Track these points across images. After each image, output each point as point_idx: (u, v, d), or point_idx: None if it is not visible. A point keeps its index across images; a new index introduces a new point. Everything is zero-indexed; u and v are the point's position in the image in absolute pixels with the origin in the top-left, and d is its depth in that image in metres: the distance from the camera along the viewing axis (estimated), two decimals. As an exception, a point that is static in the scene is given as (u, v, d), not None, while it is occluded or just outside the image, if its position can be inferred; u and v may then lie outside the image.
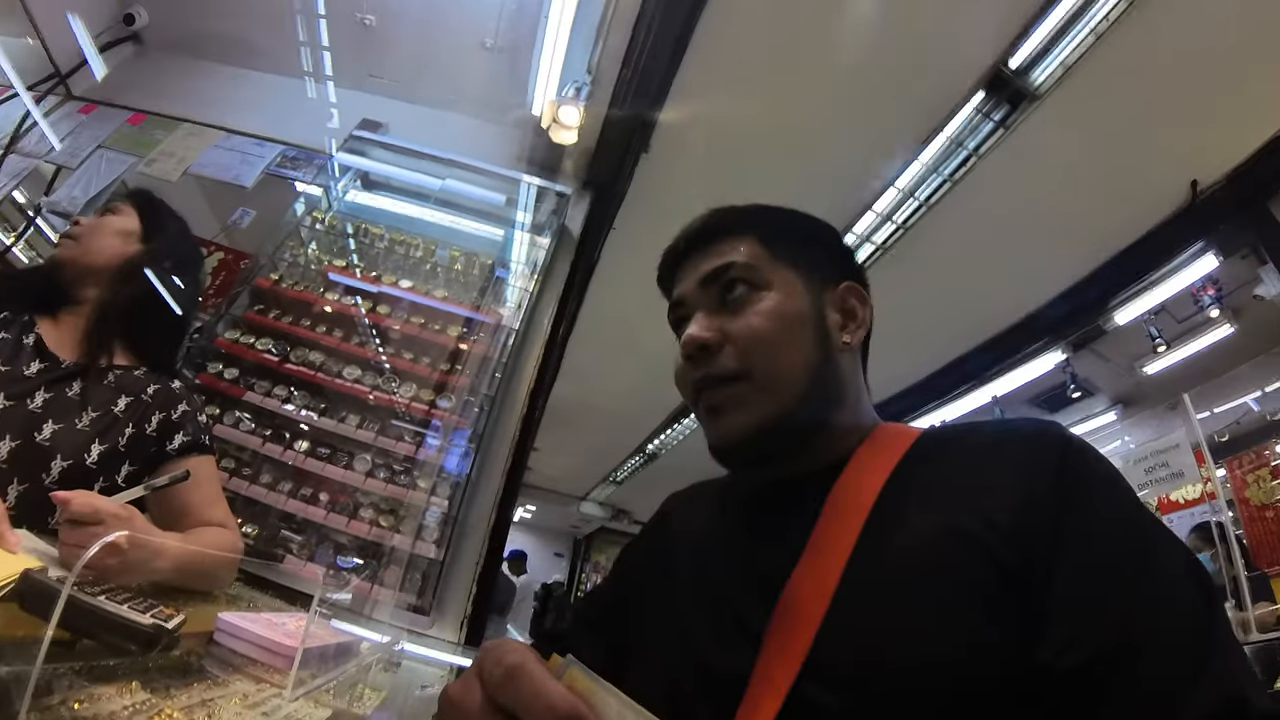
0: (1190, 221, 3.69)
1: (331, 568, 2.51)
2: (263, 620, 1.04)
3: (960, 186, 3.63)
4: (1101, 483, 0.61)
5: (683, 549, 0.82)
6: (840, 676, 0.57)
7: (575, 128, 3.13)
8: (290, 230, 3.26)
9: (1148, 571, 0.55)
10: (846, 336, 0.79)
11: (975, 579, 0.58)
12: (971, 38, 3.03)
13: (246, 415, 2.68)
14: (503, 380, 2.87)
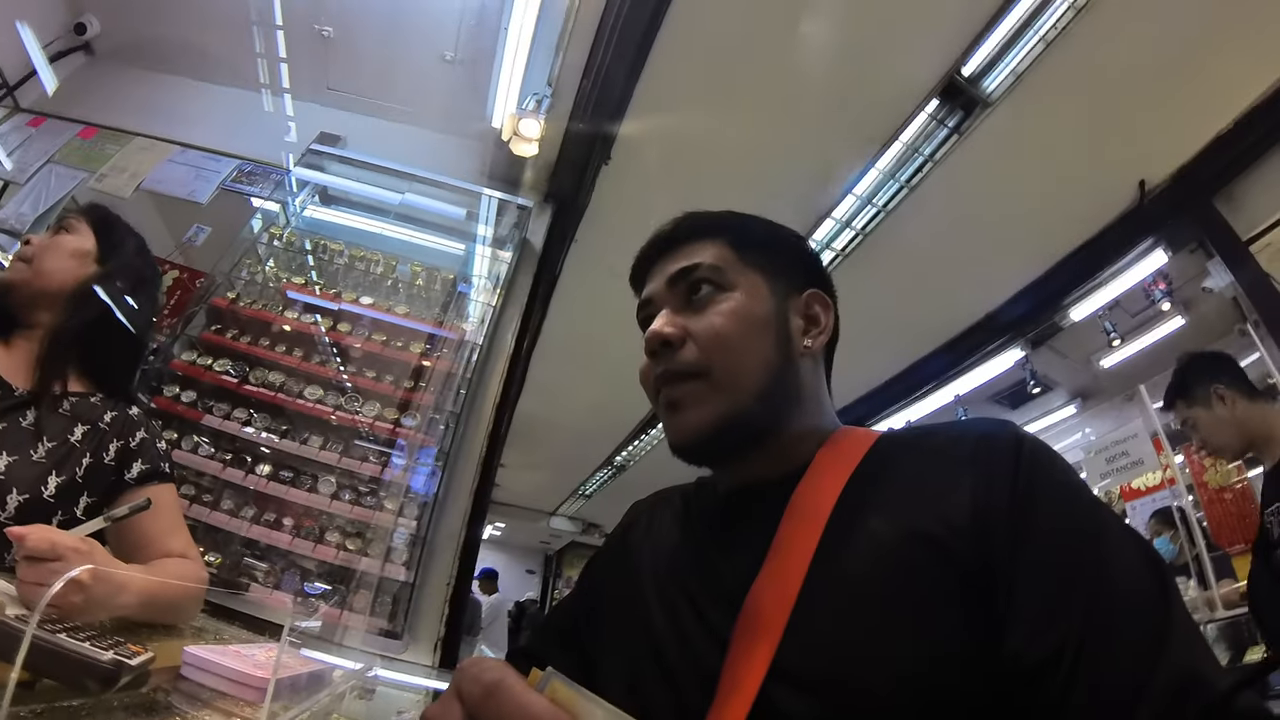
0: (1139, 220, 3.79)
1: (299, 594, 2.45)
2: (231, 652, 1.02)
3: (917, 192, 3.68)
4: (1056, 480, 0.62)
5: (648, 557, 0.82)
6: (806, 681, 0.58)
7: (536, 140, 3.13)
8: (247, 247, 3.18)
9: (1105, 563, 0.56)
10: (808, 341, 0.81)
11: (935, 581, 0.59)
12: (925, 46, 3.08)
13: (205, 439, 2.61)
14: (467, 396, 2.84)
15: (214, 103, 3.82)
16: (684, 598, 0.72)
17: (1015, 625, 0.55)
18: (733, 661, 0.62)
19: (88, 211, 1.47)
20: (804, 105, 3.31)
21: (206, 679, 0.92)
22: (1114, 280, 4.09)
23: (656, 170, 3.57)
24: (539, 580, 14.19)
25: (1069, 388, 5.88)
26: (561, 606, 0.95)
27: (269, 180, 3.43)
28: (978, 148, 3.43)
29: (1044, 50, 3.03)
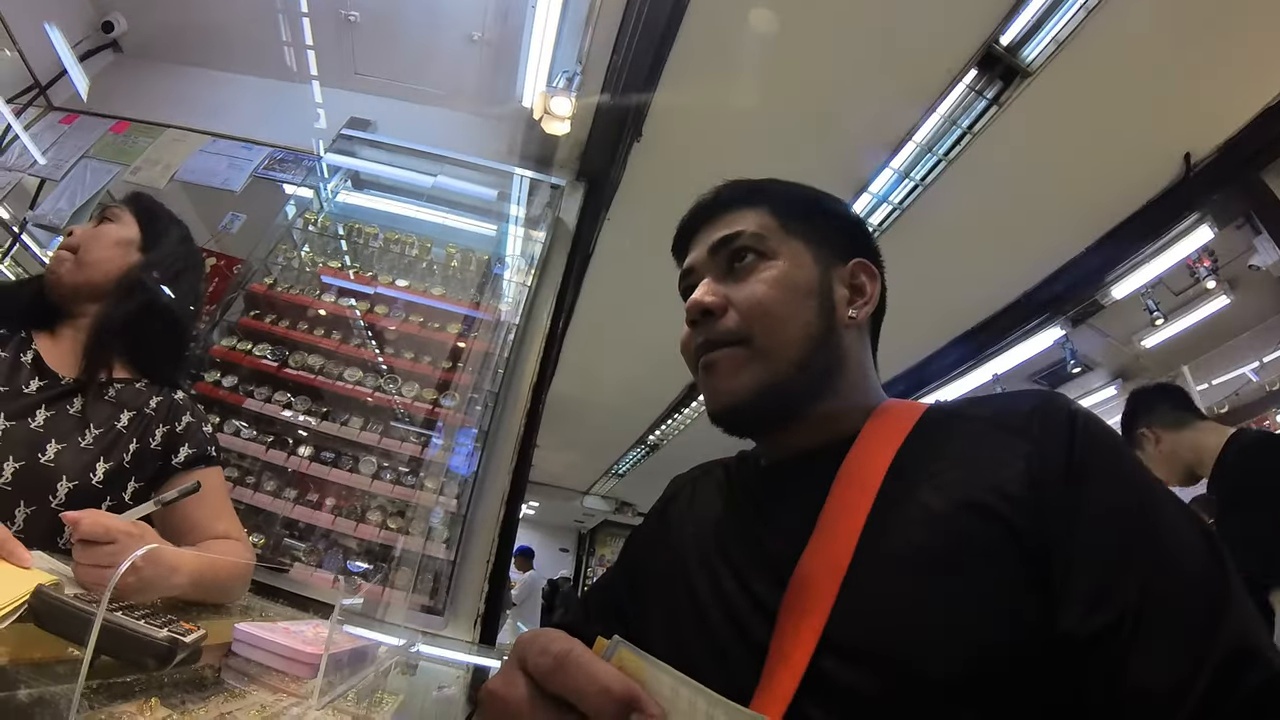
0: (1184, 194, 3.69)
1: (342, 573, 2.47)
2: (280, 629, 1.04)
3: (955, 166, 3.61)
4: (1110, 451, 0.61)
5: (690, 530, 0.82)
6: (858, 652, 0.57)
7: (567, 118, 3.11)
8: (282, 233, 3.21)
9: (1161, 534, 0.56)
10: (853, 312, 0.79)
11: (989, 552, 0.58)
12: (963, 15, 3.02)
13: (246, 423, 2.64)
14: (505, 376, 2.85)
15: (243, 92, 3.85)
16: (728, 569, 0.72)
17: (1071, 597, 0.54)
18: (781, 633, 0.61)
19: (131, 201, 1.47)
20: (837, 77, 3.26)
21: (257, 655, 0.94)
22: (1157, 257, 4.00)
23: (688, 146, 3.54)
24: (572, 558, 14.33)
25: (1109, 368, 5.78)
26: (603, 581, 0.94)
27: (301, 167, 3.45)
28: (1017, 119, 3.35)
29: (1085, 18, 2.96)
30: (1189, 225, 3.81)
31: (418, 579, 2.47)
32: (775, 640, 0.61)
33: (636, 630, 0.80)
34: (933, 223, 3.95)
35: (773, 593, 0.65)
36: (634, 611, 0.83)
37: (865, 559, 0.61)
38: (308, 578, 2.38)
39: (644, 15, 2.91)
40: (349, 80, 3.80)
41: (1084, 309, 4.59)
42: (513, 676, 0.43)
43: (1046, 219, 3.99)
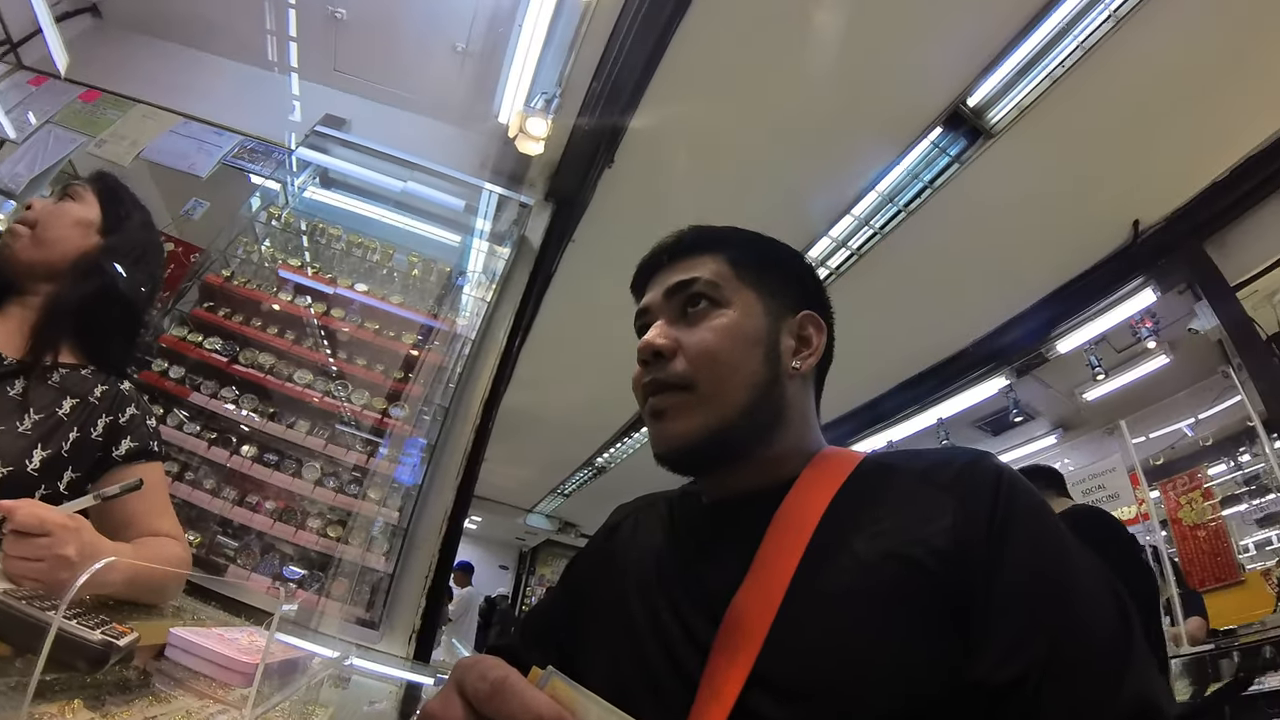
0: (1131, 258, 3.87)
1: (277, 579, 2.43)
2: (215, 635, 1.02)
3: (914, 217, 3.73)
4: (1031, 513, 0.64)
5: (633, 561, 0.83)
6: (784, 690, 0.59)
7: (542, 139, 3.13)
8: (244, 225, 3.15)
9: (1072, 595, 0.60)
10: (797, 363, 0.81)
11: (913, 601, 0.61)
12: (935, 74, 3.12)
13: (191, 417, 2.59)
14: (456, 390, 2.84)
15: (220, 76, 3.79)
16: (667, 603, 0.73)
17: (985, 649, 0.57)
18: (713, 668, 0.63)
19: (95, 180, 1.42)
20: (809, 126, 3.35)
21: (190, 661, 0.93)
22: (1102, 316, 4.17)
23: (659, 177, 3.59)
24: (511, 576, 14.01)
25: (1051, 417, 5.97)
26: (541, 606, 0.96)
27: (270, 159, 3.41)
28: (977, 177, 3.47)
29: (1050, 86, 3.09)
30: (1134, 288, 3.99)
31: (355, 590, 2.44)
32: (707, 674, 0.63)
33: (573, 657, 0.81)
34: (889, 270, 4.06)
35: (708, 628, 0.66)
36: (572, 639, 0.84)
37: (796, 601, 0.64)
38: (243, 581, 2.34)
39: (628, 45, 2.95)
40: (328, 77, 3.77)
41: (1029, 360, 4.77)
42: (451, 700, 0.45)
43: (999, 273, 4.13)
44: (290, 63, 3.76)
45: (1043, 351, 4.59)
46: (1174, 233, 3.72)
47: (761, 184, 3.65)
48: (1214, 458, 5.59)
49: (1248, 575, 4.78)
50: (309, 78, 3.77)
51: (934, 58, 3.05)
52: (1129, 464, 4.70)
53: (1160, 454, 5.62)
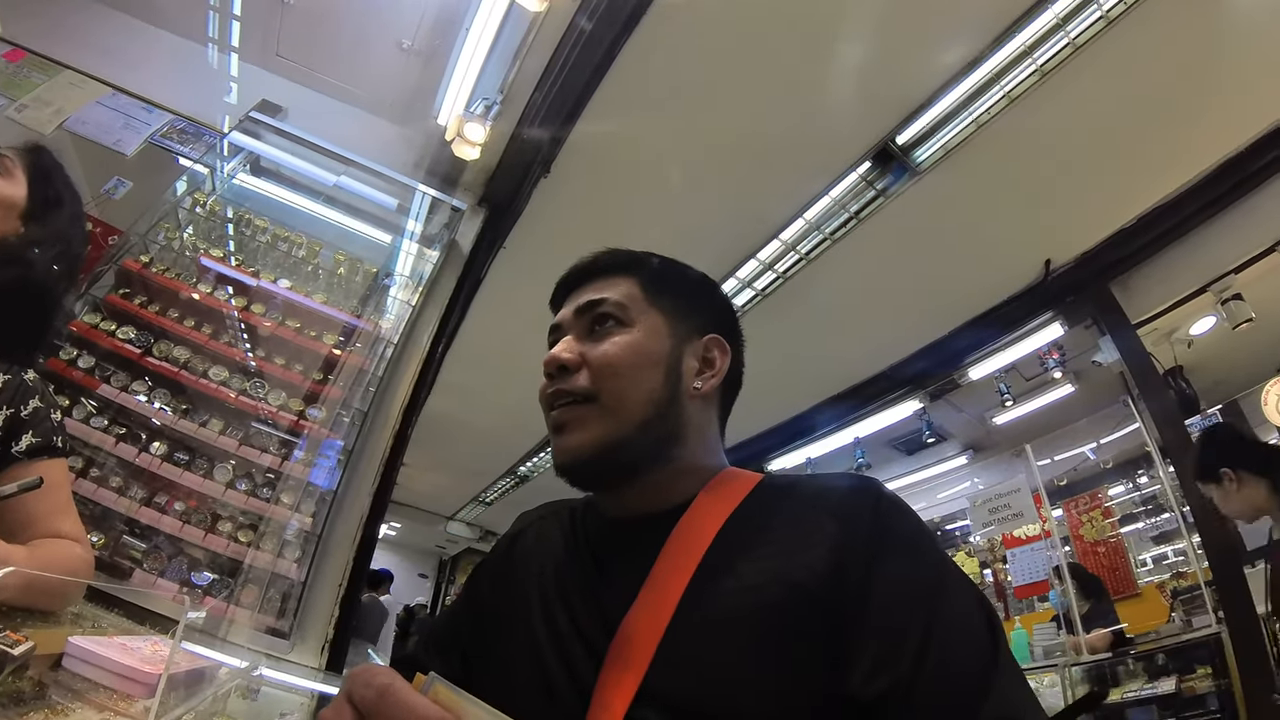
0: (1042, 294, 4.09)
1: (185, 584, 2.34)
2: (116, 644, 1.00)
3: (839, 245, 3.86)
4: (907, 535, 0.69)
5: (534, 570, 0.85)
6: (672, 705, 0.62)
7: (479, 145, 3.13)
8: (168, 210, 3.00)
9: (940, 612, 0.63)
10: (698, 383, 0.85)
11: (795, 621, 0.64)
12: (869, 111, 3.24)
13: (99, 409, 2.47)
14: (376, 394, 2.79)
15: (156, 48, 3.58)
16: (566, 615, 0.76)
17: (857, 664, 0.61)
18: (604, 682, 0.66)
19: (28, 153, 1.31)
20: (744, 152, 3.43)
21: (89, 671, 0.90)
22: (1012, 346, 4.39)
23: (593, 190, 3.63)
24: (431, 585, 13.71)
25: (962, 440, 6.26)
26: (445, 615, 0.97)
27: (201, 142, 3.28)
28: (901, 212, 3.62)
29: (974, 131, 3.24)
30: (1043, 321, 4.21)
31: (265, 598, 2.36)
32: (599, 688, 0.66)
33: (476, 665, 0.84)
34: (812, 295, 4.20)
35: (602, 642, 0.69)
36: (474, 647, 0.86)
37: (684, 620, 0.67)
38: (149, 586, 2.25)
39: (573, 60, 2.97)
40: (269, 61, 3.65)
41: (942, 386, 4.99)
42: (342, 709, 0.47)
43: (917, 302, 4.31)
44: (231, 42, 3.62)
45: (956, 378, 4.83)
46: (1082, 273, 3.95)
47: (693, 204, 3.71)
48: (1114, 480, 5.97)
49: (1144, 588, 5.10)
50: (249, 60, 3.64)
51: (868, 95, 3.16)
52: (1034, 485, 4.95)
53: (1064, 475, 5.96)
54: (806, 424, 5.83)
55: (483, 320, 3.94)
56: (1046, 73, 3.01)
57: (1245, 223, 3.52)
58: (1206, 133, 3.32)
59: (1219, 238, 3.60)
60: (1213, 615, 3.55)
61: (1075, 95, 3.09)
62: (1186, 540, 4.32)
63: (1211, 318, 4.05)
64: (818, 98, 3.16)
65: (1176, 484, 3.98)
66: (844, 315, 4.52)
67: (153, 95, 3.39)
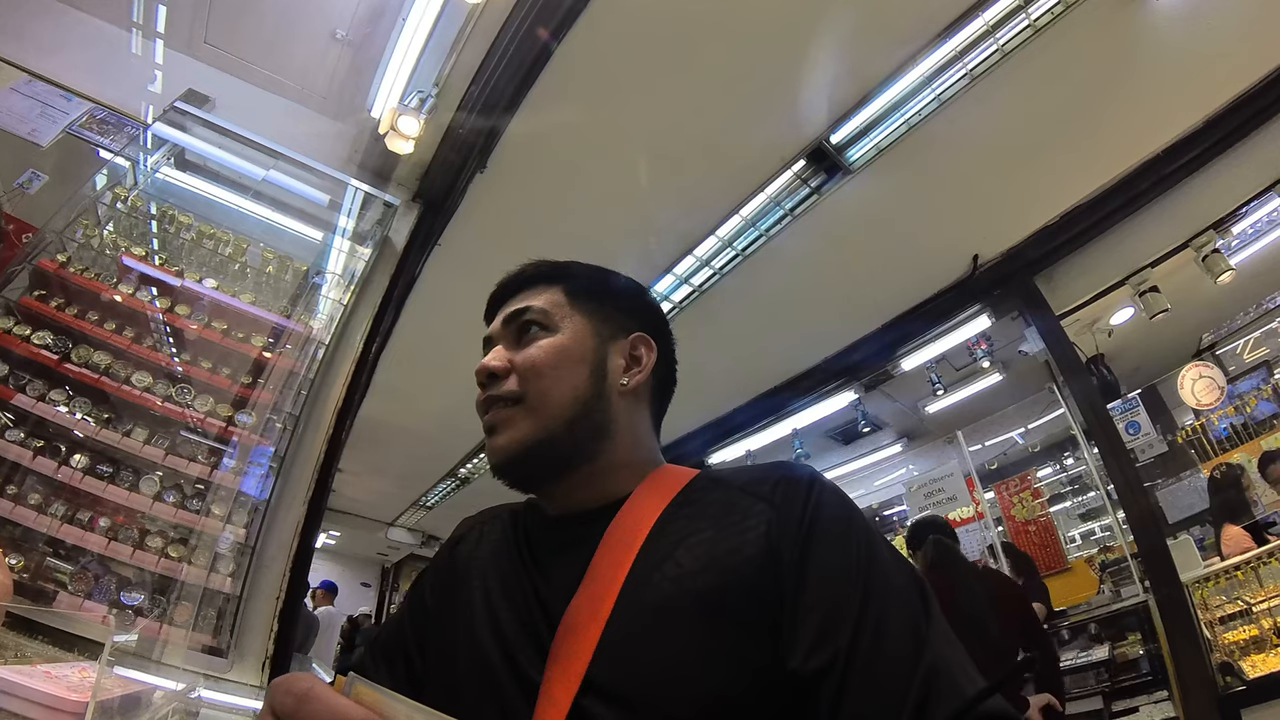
0: (970, 288, 4.25)
1: (114, 605, 2.22)
2: (40, 673, 0.98)
3: (774, 242, 3.94)
4: (838, 515, 0.71)
5: (477, 573, 0.85)
6: (614, 694, 0.64)
7: (413, 138, 3.08)
8: (86, 205, 2.86)
9: (874, 582, 0.65)
10: (625, 379, 0.87)
11: (732, 607, 0.66)
12: (802, 111, 3.29)
13: (13, 421, 2.34)
14: (308, 398, 2.72)
15: (77, 32, 3.35)
16: (510, 614, 0.77)
17: (795, 642, 0.63)
18: (549, 675, 0.67)
19: None
20: (679, 149, 3.45)
21: (12, 704, 0.88)
22: (942, 338, 4.55)
23: (530, 184, 3.61)
24: (375, 594, 13.39)
25: (896, 428, 6.47)
26: (392, 623, 0.97)
27: (122, 133, 3.13)
28: (834, 209, 3.70)
29: (906, 132, 3.32)
30: (971, 314, 4.37)
31: (200, 615, 2.28)
32: (544, 682, 0.67)
33: (422, 671, 0.84)
34: (748, 290, 4.27)
35: (546, 638, 0.70)
36: (420, 653, 0.86)
37: (623, 610, 0.68)
38: (75, 609, 2.12)
39: (510, 53, 2.95)
40: (197, 48, 3.47)
41: (876, 377, 5.16)
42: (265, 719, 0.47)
43: (850, 297, 4.43)
44: (156, 28, 3.43)
45: (889, 369, 4.99)
46: (1009, 267, 4.11)
47: (629, 201, 3.73)
48: (1041, 462, 6.25)
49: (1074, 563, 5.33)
50: (175, 47, 3.45)
51: (802, 95, 3.22)
52: (966, 469, 5.16)
53: (994, 459, 6.21)
54: (745, 417, 5.94)
55: (418, 320, 3.90)
56: (976, 77, 3.12)
57: (1161, 220, 3.73)
58: (1126, 136, 3.49)
59: (1137, 234, 3.80)
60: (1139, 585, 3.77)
61: (1003, 99, 3.21)
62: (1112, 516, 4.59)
63: (1130, 309, 4.27)
64: (754, 96, 3.21)
65: (1101, 464, 4.17)
66: (781, 310, 4.60)
67: (71, 82, 3.21)
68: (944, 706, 0.58)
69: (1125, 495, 3.65)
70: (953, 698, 0.58)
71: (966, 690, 0.59)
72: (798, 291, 4.41)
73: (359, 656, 0.99)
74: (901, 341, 4.67)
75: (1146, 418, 4.22)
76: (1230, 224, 3.74)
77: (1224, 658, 3.10)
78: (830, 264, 4.19)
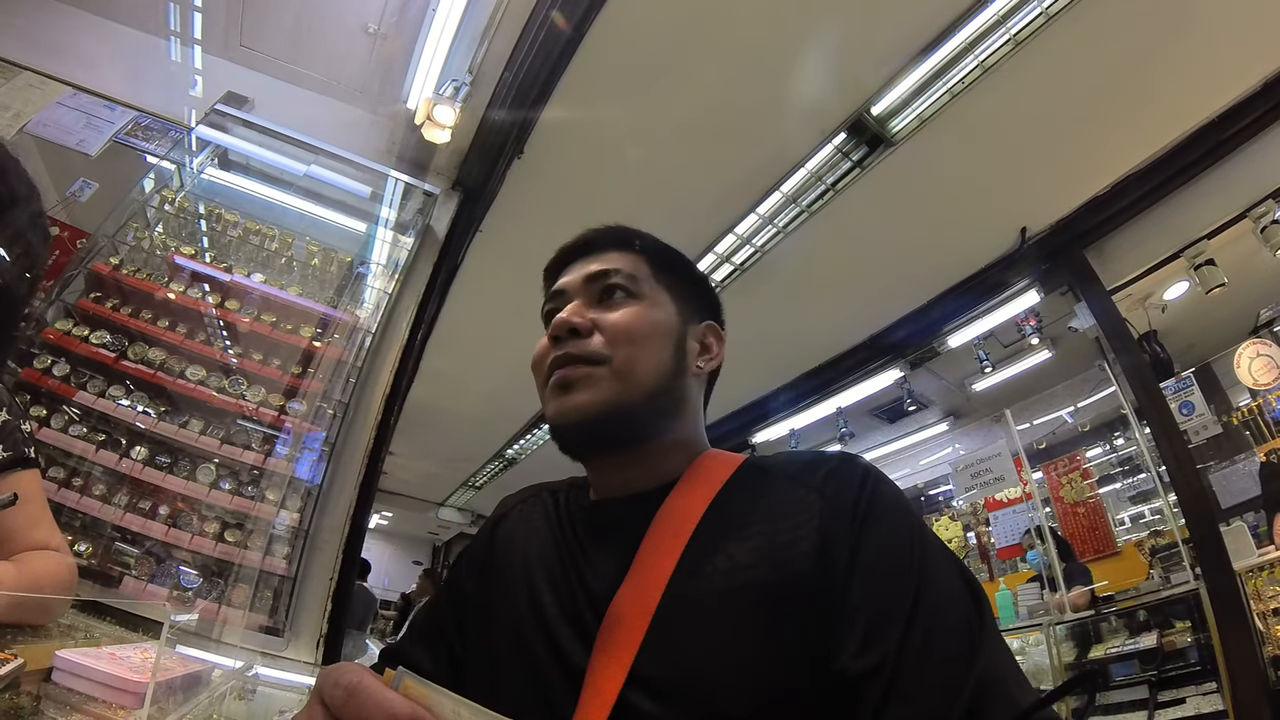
0: (1018, 262, 4.14)
1: (175, 588, 2.29)
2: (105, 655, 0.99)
3: (815, 218, 3.87)
4: (891, 510, 0.69)
5: (519, 555, 0.85)
6: (661, 688, 0.63)
7: (450, 127, 3.09)
8: (136, 209, 2.96)
9: (925, 587, 0.63)
10: (700, 363, 0.87)
11: (783, 601, 0.64)
12: (843, 81, 3.23)
13: (77, 417, 2.43)
14: (357, 385, 2.77)
15: (116, 44, 3.47)
16: (552, 598, 0.76)
17: (844, 641, 0.61)
18: (594, 666, 0.66)
19: None
20: (721, 121, 3.40)
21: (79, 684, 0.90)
22: (990, 314, 4.44)
23: (568, 169, 3.61)
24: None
25: (942, 407, 6.34)
26: (432, 603, 0.96)
27: (166, 138, 3.20)
28: (877, 182, 3.63)
29: (949, 101, 3.24)
30: (1020, 289, 4.26)
31: (256, 596, 2.33)
32: (589, 672, 0.66)
33: (463, 653, 0.83)
34: (791, 267, 4.21)
35: (591, 625, 0.69)
36: (459, 635, 0.85)
37: (672, 601, 0.67)
38: (139, 593, 2.20)
39: (542, 37, 2.93)
40: (233, 52, 3.55)
41: (922, 354, 5.05)
42: (314, 710, 0.46)
43: (895, 273, 4.34)
44: (193, 34, 3.52)
45: (935, 346, 4.89)
46: (1058, 240, 3.99)
47: (670, 181, 3.70)
48: (1091, 442, 6.08)
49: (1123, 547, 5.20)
50: (212, 51, 3.54)
51: (841, 66, 3.15)
52: (1014, 449, 5.03)
53: (1043, 439, 6.06)
54: (789, 396, 5.88)
55: (462, 306, 3.92)
56: (1020, 41, 3.02)
57: (1216, 189, 3.57)
58: (1179, 100, 3.36)
59: (1191, 204, 3.65)
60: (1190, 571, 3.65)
61: (1048, 64, 3.11)
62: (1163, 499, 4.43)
63: (1184, 283, 4.12)
64: (791, 68, 3.15)
65: (1152, 445, 4.04)
66: (823, 287, 4.54)
67: (114, 92, 3.30)
68: (995, 717, 0.55)
69: (1177, 478, 3.53)
70: (1005, 707, 0.56)
71: (1019, 700, 0.57)
72: (841, 267, 4.35)
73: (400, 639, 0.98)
74: (948, 318, 4.57)
75: (1200, 397, 4.07)
76: (1291, 193, 3.59)
77: (1276, 651, 2.98)
78: (874, 239, 4.11)
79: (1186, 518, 3.51)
